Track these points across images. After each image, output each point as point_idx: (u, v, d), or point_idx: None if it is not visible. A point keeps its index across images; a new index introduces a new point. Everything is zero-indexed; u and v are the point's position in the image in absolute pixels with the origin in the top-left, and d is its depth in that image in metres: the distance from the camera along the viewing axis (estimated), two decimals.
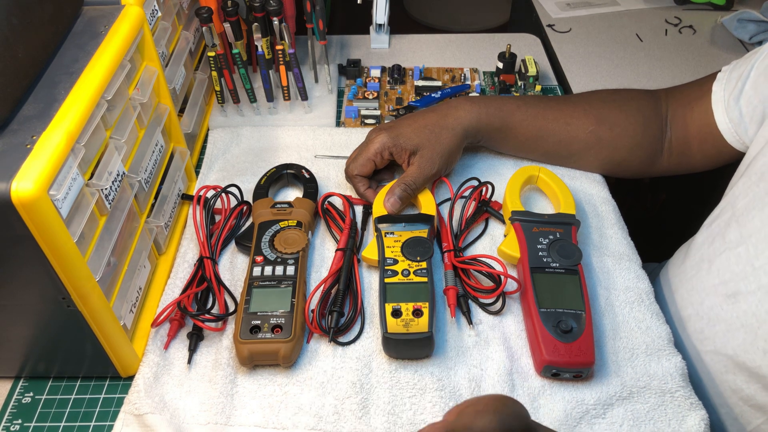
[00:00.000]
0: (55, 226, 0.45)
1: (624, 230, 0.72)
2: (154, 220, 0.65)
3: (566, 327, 0.57)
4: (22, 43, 0.48)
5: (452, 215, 0.70)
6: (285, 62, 0.80)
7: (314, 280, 0.66)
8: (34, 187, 0.42)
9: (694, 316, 0.64)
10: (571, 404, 0.56)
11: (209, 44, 0.77)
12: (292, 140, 0.83)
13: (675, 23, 1.10)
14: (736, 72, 0.68)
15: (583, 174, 0.78)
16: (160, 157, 0.66)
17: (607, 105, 0.75)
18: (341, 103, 0.91)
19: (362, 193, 0.73)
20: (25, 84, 0.49)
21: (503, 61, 0.93)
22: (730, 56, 1.01)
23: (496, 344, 0.61)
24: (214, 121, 0.86)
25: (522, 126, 0.75)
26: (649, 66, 1.00)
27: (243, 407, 0.56)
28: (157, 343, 0.60)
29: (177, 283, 0.66)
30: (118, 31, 0.56)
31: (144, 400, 0.56)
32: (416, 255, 0.63)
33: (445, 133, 0.71)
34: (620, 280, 0.66)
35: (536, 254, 0.64)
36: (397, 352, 0.59)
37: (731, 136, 0.68)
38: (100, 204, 0.53)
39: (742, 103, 0.66)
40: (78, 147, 0.48)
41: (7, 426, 0.56)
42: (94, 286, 0.50)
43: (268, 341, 0.57)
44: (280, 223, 0.68)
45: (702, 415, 0.56)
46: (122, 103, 0.57)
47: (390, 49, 1.03)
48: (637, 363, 0.59)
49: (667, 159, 0.76)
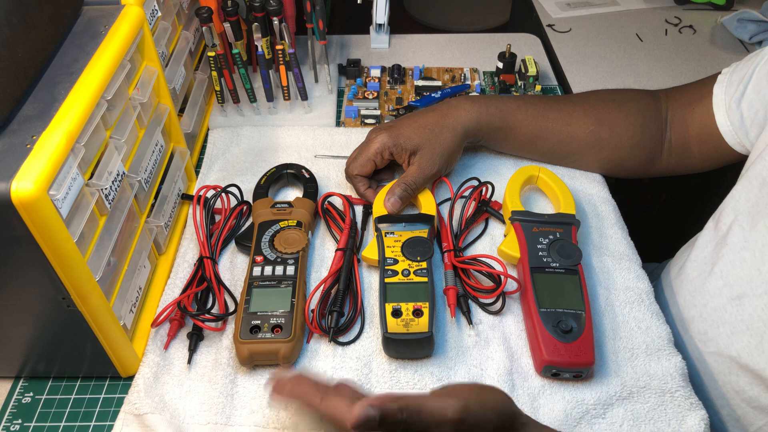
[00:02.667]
0: (55, 226, 0.45)
1: (624, 230, 0.72)
2: (154, 220, 0.65)
3: (566, 327, 0.58)
4: (22, 43, 0.48)
5: (452, 215, 0.70)
6: (285, 62, 0.80)
7: (314, 280, 0.66)
8: (34, 187, 0.42)
9: (698, 318, 0.64)
10: (571, 404, 0.56)
11: (209, 44, 0.77)
12: (292, 140, 0.83)
13: (675, 23, 1.10)
14: (737, 74, 0.68)
15: (583, 174, 0.78)
16: (160, 157, 0.66)
17: (608, 105, 0.75)
18: (341, 103, 0.91)
19: (362, 193, 0.73)
20: (25, 84, 0.49)
21: (503, 61, 0.93)
22: (730, 56, 1.01)
23: (496, 344, 0.61)
24: (214, 121, 0.86)
25: (522, 126, 0.75)
26: (649, 66, 1.00)
27: (243, 407, 0.56)
28: (157, 343, 0.60)
29: (177, 283, 0.66)
30: (118, 31, 0.56)
31: (144, 400, 0.56)
32: (416, 255, 0.63)
33: (445, 132, 0.71)
34: (620, 280, 0.66)
35: (536, 254, 0.64)
36: (397, 352, 0.59)
37: (732, 139, 0.68)
38: (100, 204, 0.53)
39: (744, 106, 0.66)
40: (78, 147, 0.48)
41: (7, 426, 0.56)
42: (94, 286, 0.50)
43: (268, 341, 0.57)
44: (280, 223, 0.68)
45: (702, 415, 0.56)
46: (122, 103, 0.57)
47: (390, 49, 1.03)
48: (637, 363, 0.59)
49: (667, 159, 0.76)
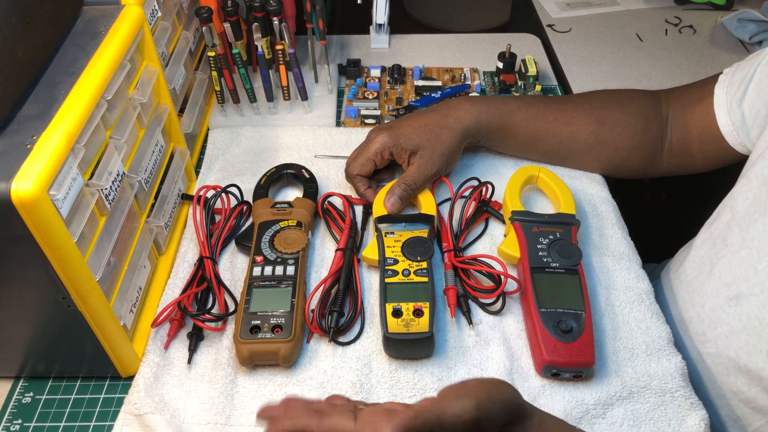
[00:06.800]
0: (55, 226, 0.45)
1: (624, 230, 0.72)
2: (154, 220, 0.65)
3: (566, 327, 0.58)
4: (22, 43, 0.48)
5: (452, 215, 0.70)
6: (285, 62, 0.80)
7: (314, 280, 0.66)
8: (34, 187, 0.42)
9: (696, 319, 0.64)
10: (571, 404, 0.56)
11: (209, 44, 0.77)
12: (292, 140, 0.83)
13: (675, 23, 1.10)
14: (738, 75, 0.68)
15: (583, 174, 0.78)
16: (160, 157, 0.66)
17: (608, 105, 0.75)
18: (341, 103, 0.91)
19: (362, 193, 0.73)
20: (25, 84, 0.49)
21: (503, 61, 0.93)
22: (730, 56, 1.01)
23: (496, 344, 0.61)
24: (214, 121, 0.86)
25: (522, 126, 0.75)
26: (649, 66, 1.00)
27: (243, 407, 0.56)
28: (157, 343, 0.60)
29: (177, 283, 0.66)
30: (118, 31, 0.56)
31: (144, 400, 0.56)
32: (416, 255, 0.63)
33: (445, 133, 0.71)
34: (620, 280, 0.66)
35: (536, 254, 0.64)
36: (397, 352, 0.59)
37: (733, 139, 0.68)
38: (100, 204, 0.53)
39: (745, 106, 0.66)
40: (78, 147, 0.48)
41: (7, 426, 0.56)
42: (94, 286, 0.50)
43: (268, 341, 0.57)
44: (280, 223, 0.68)
45: (702, 415, 0.56)
46: (122, 103, 0.57)
47: (390, 49, 1.03)
48: (637, 363, 0.59)
49: (668, 160, 0.76)
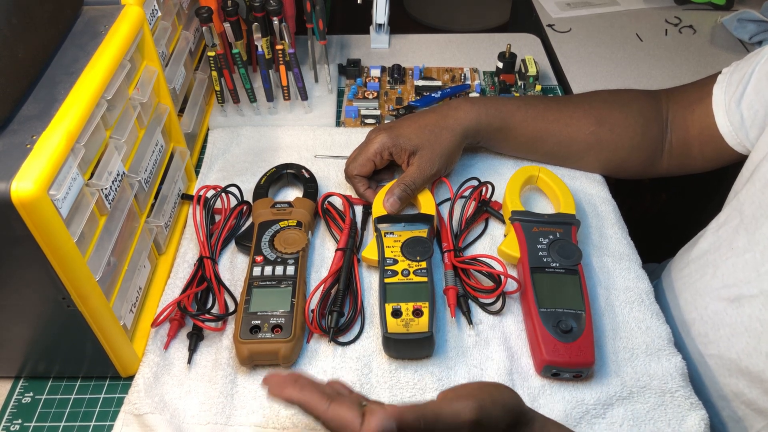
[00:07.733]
0: (55, 226, 0.45)
1: (624, 230, 0.72)
2: (154, 220, 0.65)
3: (566, 327, 0.58)
4: (22, 43, 0.48)
5: (452, 215, 0.70)
6: (285, 62, 0.80)
7: (314, 280, 0.66)
8: (34, 187, 0.42)
9: (698, 320, 0.64)
10: (571, 404, 0.56)
11: (209, 44, 0.77)
12: (292, 140, 0.83)
13: (675, 23, 1.10)
14: (736, 74, 0.68)
15: (583, 174, 0.78)
16: (160, 157, 0.66)
17: (608, 106, 0.75)
18: (341, 103, 0.91)
19: (362, 193, 0.73)
20: (25, 84, 0.49)
21: (503, 61, 0.93)
22: (730, 56, 1.01)
23: (496, 344, 0.61)
24: (214, 121, 0.86)
25: (522, 127, 0.75)
26: (649, 66, 1.00)
27: (243, 407, 0.56)
28: (157, 343, 0.60)
29: (177, 283, 0.66)
30: (118, 31, 0.56)
31: (144, 400, 0.56)
32: (416, 255, 0.63)
33: (444, 133, 0.71)
34: (620, 280, 0.66)
35: (536, 254, 0.64)
36: (397, 352, 0.59)
37: (732, 139, 0.68)
38: (100, 204, 0.53)
39: (744, 106, 0.66)
40: (78, 147, 0.48)
41: (7, 426, 0.56)
42: (94, 286, 0.50)
43: (268, 341, 0.57)
44: (280, 223, 0.68)
45: (702, 415, 0.56)
46: (122, 103, 0.57)
47: (390, 48, 1.03)
48: (637, 363, 0.59)
49: (668, 160, 0.76)
